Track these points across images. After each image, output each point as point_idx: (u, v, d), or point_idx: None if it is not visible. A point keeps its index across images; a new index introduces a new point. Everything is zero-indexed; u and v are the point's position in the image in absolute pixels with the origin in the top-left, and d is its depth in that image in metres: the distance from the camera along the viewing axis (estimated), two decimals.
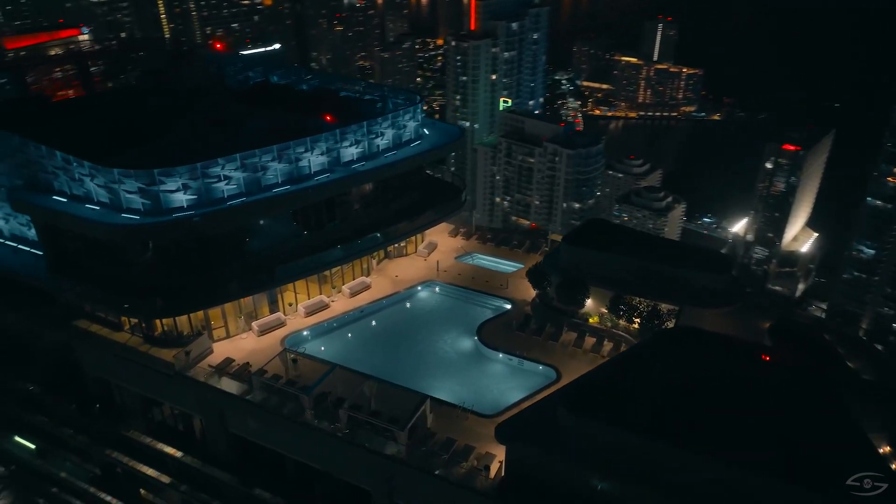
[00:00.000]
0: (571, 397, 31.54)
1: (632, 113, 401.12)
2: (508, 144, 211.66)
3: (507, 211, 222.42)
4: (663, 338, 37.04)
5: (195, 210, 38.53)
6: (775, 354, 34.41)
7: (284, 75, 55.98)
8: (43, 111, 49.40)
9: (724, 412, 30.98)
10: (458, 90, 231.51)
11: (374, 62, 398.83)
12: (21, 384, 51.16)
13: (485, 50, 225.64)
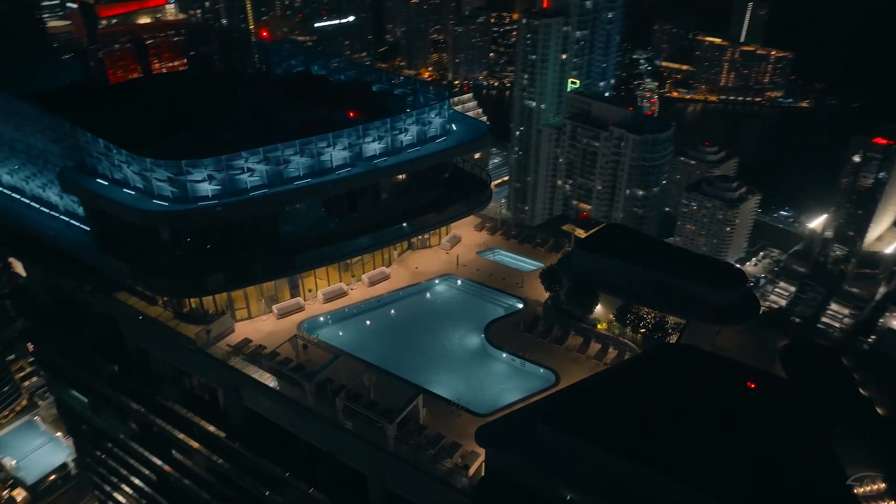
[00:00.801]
0: (550, 409, 32.25)
1: (712, 96, 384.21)
2: (574, 127, 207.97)
3: (569, 194, 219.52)
4: (656, 355, 36.97)
5: (219, 199, 41.05)
6: (761, 382, 33.78)
7: (324, 65, 57.74)
8: (98, 95, 53.15)
9: (702, 435, 31.00)
10: (527, 69, 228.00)
11: (447, 36, 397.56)
12: (76, 345, 56.09)
13: (556, 28, 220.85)
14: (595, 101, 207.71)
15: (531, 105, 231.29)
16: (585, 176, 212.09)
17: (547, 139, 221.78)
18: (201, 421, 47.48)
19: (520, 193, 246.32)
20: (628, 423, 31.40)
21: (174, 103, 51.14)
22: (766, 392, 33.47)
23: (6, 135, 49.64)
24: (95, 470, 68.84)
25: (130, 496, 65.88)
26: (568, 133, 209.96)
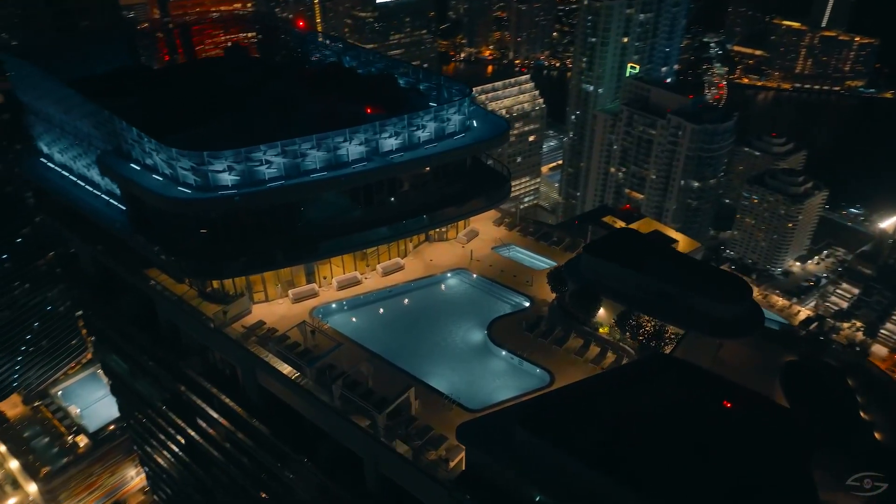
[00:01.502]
0: (526, 412, 33.27)
1: (786, 84, 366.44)
2: (630, 113, 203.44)
3: (621, 182, 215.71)
4: (643, 365, 37.29)
5: (238, 189, 43.35)
6: (744, 402, 33.68)
7: (355, 56, 59.18)
8: (142, 81, 56.21)
9: (674, 451, 31.42)
10: (586, 52, 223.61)
11: (510, 13, 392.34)
12: (115, 314, 60.28)
13: (618, 11, 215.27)
14: (654, 88, 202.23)
15: (588, 89, 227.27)
16: (639, 164, 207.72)
17: (602, 125, 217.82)
18: (221, 394, 50.60)
19: (572, 179, 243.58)
20: (602, 431, 32.12)
21: (209, 91, 53.69)
22: (746, 412, 33.42)
23: (57, 117, 53.41)
24: (135, 430, 74.10)
25: (164, 457, 70.75)
26: (624, 119, 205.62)
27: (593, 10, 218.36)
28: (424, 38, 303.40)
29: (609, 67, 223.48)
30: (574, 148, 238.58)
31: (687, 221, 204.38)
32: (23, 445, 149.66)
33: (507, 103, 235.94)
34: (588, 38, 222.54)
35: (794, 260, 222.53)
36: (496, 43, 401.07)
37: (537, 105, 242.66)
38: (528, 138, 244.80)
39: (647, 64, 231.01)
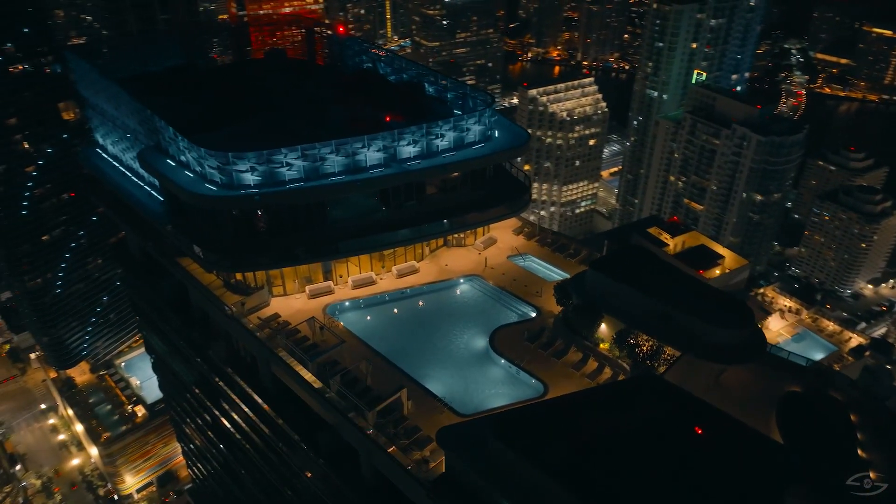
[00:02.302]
0: (502, 423, 34.23)
1: (872, 95, 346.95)
2: (694, 121, 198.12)
3: (680, 192, 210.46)
4: (629, 384, 37.49)
5: (259, 189, 45.95)
6: (715, 429, 33.49)
7: (388, 63, 61.08)
8: (188, 80, 59.87)
9: (645, 471, 31.72)
10: (652, 57, 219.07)
11: (581, 14, 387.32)
12: (155, 297, 64.53)
13: (688, 15, 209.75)
14: (720, 96, 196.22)
15: (652, 95, 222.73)
16: (700, 174, 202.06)
17: (664, 132, 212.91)
18: (240, 380, 53.63)
19: (630, 185, 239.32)
20: (574, 447, 32.73)
21: (246, 92, 56.73)
22: (722, 438, 33.30)
23: (109, 112, 57.69)
24: (172, 407, 78.85)
25: (196, 435, 75.08)
26: (687, 128, 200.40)
27: (662, 14, 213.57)
28: (490, 37, 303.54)
29: (675, 73, 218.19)
30: (634, 154, 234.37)
31: (747, 236, 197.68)
32: (88, 411, 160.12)
33: (568, 105, 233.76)
34: (655, 42, 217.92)
35: (865, 282, 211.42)
36: (565, 43, 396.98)
37: (599, 109, 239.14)
38: (588, 142, 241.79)
39: (716, 71, 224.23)
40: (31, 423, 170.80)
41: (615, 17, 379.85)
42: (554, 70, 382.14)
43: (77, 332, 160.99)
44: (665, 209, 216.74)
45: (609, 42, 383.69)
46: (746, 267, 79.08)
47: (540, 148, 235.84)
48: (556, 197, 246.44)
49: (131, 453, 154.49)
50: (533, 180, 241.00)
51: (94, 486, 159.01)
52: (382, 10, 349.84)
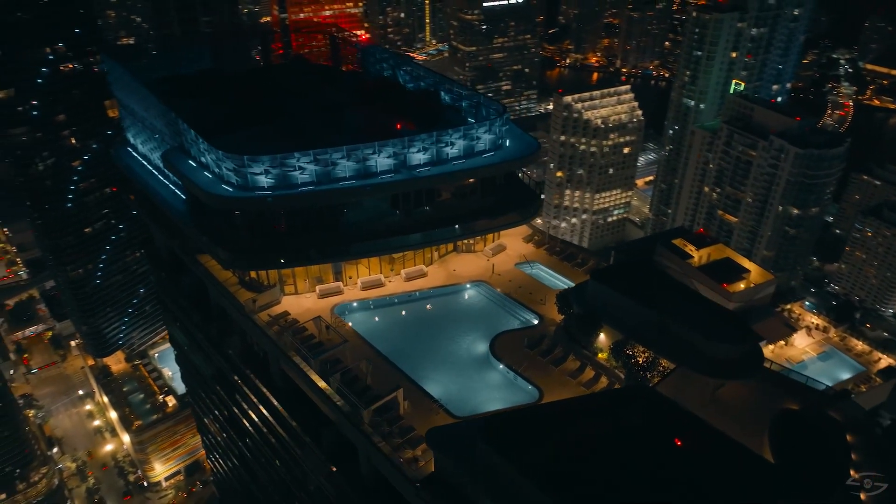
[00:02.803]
0: (489, 426, 35.07)
1: None
2: (730, 132, 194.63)
3: (714, 203, 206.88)
4: (619, 394, 37.89)
5: (272, 191, 47.77)
6: (700, 442, 33.67)
7: (408, 71, 62.47)
8: (216, 84, 62.22)
9: (625, 480, 32.18)
10: (690, 65, 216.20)
11: (622, 20, 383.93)
12: (178, 292, 67.14)
13: (728, 24, 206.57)
14: (758, 107, 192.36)
15: (689, 104, 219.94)
16: (735, 186, 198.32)
17: (700, 141, 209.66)
18: (252, 374, 55.56)
19: (664, 195, 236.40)
20: (558, 453, 33.37)
21: (269, 96, 58.78)
22: (708, 453, 33.51)
23: (140, 113, 60.47)
24: (193, 399, 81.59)
25: (214, 427, 77.60)
26: (723, 138, 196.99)
27: (701, 23, 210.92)
28: (528, 43, 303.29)
29: (713, 83, 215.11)
30: (669, 163, 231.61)
31: (782, 250, 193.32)
32: (122, 399, 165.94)
33: (603, 113, 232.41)
34: (693, 51, 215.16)
35: None
36: (604, 50, 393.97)
37: (635, 117, 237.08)
38: (623, 150, 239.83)
39: (756, 81, 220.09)
40: (69, 408, 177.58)
41: (656, 24, 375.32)
42: (592, 76, 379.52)
43: (114, 322, 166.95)
44: (698, 220, 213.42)
45: (649, 49, 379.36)
46: (773, 282, 78.12)
47: (573, 155, 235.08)
48: (589, 205, 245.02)
49: (161, 442, 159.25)
50: (565, 187, 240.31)
51: (125, 471, 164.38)
52: (422, 14, 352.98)
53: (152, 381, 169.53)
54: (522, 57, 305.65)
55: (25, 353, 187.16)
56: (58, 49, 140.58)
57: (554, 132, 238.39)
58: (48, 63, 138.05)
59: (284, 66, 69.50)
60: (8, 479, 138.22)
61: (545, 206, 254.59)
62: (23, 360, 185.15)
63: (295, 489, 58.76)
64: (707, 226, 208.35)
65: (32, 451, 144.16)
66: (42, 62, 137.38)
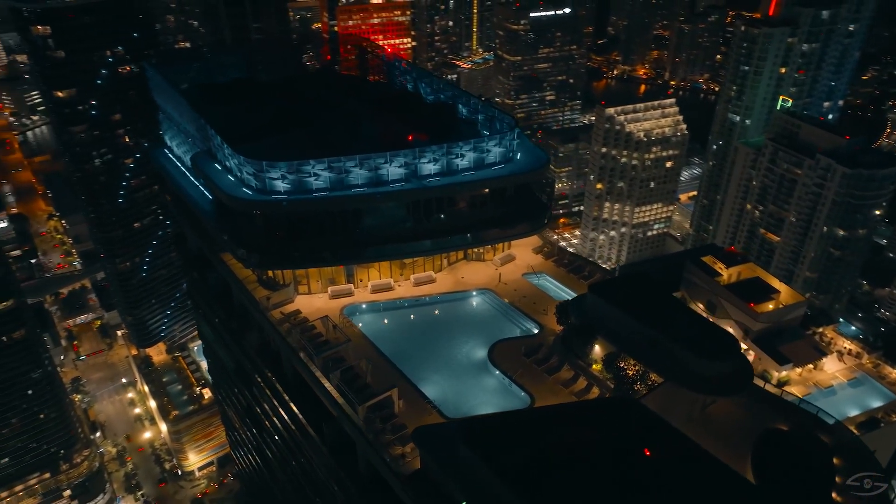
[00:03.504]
0: (471, 428, 36.61)
1: None
2: (775, 149, 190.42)
3: (756, 221, 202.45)
4: (602, 404, 38.85)
5: (288, 196, 50.46)
6: (661, 454, 34.40)
7: (429, 84, 64.62)
8: (249, 91, 65.59)
9: (595, 486, 33.28)
10: (736, 80, 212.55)
11: (672, 32, 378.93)
12: (205, 288, 70.70)
13: (778, 39, 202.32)
14: (805, 124, 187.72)
15: (734, 119, 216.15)
16: (779, 204, 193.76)
17: (743, 158, 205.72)
18: (266, 369, 58.34)
19: (706, 211, 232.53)
20: (534, 457, 34.68)
21: (296, 105, 61.69)
22: (681, 466, 34.27)
23: (175, 117, 64.31)
24: (218, 389, 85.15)
25: (235, 419, 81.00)
26: (767, 155, 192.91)
27: (749, 37, 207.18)
28: (574, 53, 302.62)
29: (760, 98, 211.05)
30: (712, 179, 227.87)
31: (826, 271, 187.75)
32: (161, 388, 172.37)
33: (646, 126, 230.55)
34: (740, 65, 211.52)
35: None
36: (653, 62, 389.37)
37: (679, 131, 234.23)
38: (665, 164, 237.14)
39: (806, 97, 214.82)
40: (113, 394, 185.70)
41: (707, 37, 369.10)
42: (639, 88, 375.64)
43: (157, 315, 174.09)
44: (739, 238, 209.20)
45: (699, 62, 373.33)
46: (803, 304, 76.92)
47: (614, 167, 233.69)
48: (628, 218, 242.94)
49: (196, 432, 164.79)
50: (605, 199, 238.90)
51: (161, 459, 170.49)
52: (469, 22, 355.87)
53: (190, 373, 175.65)
54: (568, 67, 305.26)
55: (75, 340, 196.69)
56: (117, 52, 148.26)
57: (595, 144, 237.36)
58: (108, 65, 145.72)
59: (314, 76, 72.35)
60: (52, 458, 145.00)
61: (584, 217, 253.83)
62: (73, 346, 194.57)
63: (304, 483, 61.18)
64: (748, 244, 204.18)
65: (76, 434, 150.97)
66: (102, 64, 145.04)
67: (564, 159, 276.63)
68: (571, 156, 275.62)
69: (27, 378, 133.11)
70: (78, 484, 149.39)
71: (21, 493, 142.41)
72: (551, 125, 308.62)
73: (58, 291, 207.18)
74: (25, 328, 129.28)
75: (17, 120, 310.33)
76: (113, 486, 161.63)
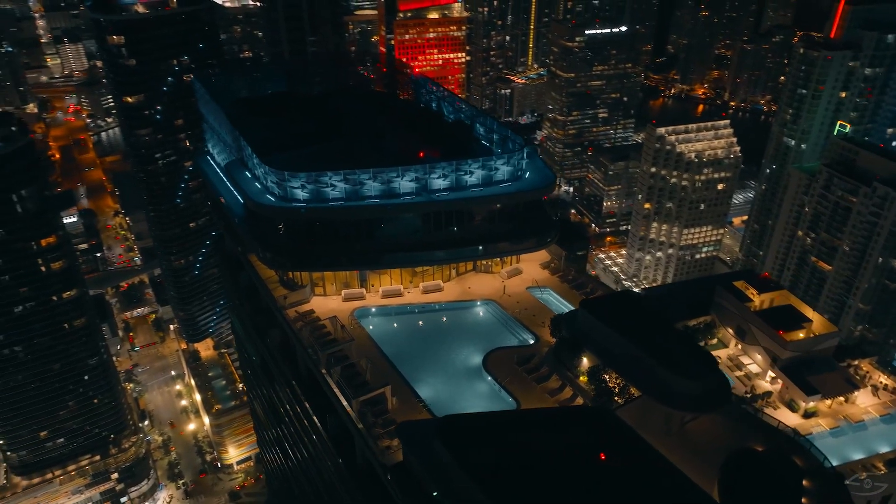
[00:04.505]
0: (445, 426, 39.32)
1: None
2: (830, 175, 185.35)
3: (808, 248, 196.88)
4: (574, 412, 40.86)
5: (307, 204, 54.55)
6: (609, 456, 36.12)
7: (451, 103, 68.02)
8: (285, 105, 70.43)
9: (554, 487, 35.43)
10: (793, 104, 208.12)
11: (734, 52, 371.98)
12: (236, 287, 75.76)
13: (838, 63, 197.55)
14: (863, 151, 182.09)
15: (789, 143, 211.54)
16: (832, 232, 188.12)
17: (796, 183, 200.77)
18: (281, 363, 62.49)
19: (756, 236, 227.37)
20: (500, 456, 37.16)
21: (326, 119, 66.07)
22: (642, 475, 36.03)
23: (216, 127, 69.73)
24: (246, 382, 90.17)
25: (260, 414, 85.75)
26: (821, 181, 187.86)
27: (808, 60, 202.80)
28: (628, 71, 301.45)
29: (817, 123, 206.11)
30: (764, 204, 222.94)
31: (880, 303, 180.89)
32: (206, 383, 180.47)
33: (698, 147, 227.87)
34: (798, 88, 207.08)
35: None
36: (713, 82, 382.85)
37: (732, 153, 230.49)
38: (717, 186, 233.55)
39: (867, 123, 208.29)
40: (162, 386, 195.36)
41: (772, 58, 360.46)
42: (697, 108, 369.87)
43: (207, 311, 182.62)
44: (789, 265, 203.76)
45: (762, 83, 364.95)
46: (835, 334, 75.66)
47: (663, 187, 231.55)
48: (676, 239, 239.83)
49: (236, 427, 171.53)
50: (652, 219, 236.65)
51: (203, 451, 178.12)
52: (526, 38, 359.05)
53: (234, 369, 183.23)
54: (622, 85, 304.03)
55: (131, 331, 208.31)
56: (182, 61, 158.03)
57: (644, 163, 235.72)
58: (173, 73, 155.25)
59: (348, 92, 76.62)
60: (103, 442, 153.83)
61: (630, 237, 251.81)
62: (128, 337, 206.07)
63: (315, 478, 64.82)
64: (798, 272, 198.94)
65: (126, 421, 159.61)
66: (168, 72, 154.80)
67: (614, 177, 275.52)
68: (621, 174, 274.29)
69: (84, 364, 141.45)
70: (125, 468, 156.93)
71: (73, 472, 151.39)
72: (603, 142, 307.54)
73: (118, 284, 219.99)
74: (86, 317, 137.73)
75: (93, 122, 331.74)
76: (157, 472, 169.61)
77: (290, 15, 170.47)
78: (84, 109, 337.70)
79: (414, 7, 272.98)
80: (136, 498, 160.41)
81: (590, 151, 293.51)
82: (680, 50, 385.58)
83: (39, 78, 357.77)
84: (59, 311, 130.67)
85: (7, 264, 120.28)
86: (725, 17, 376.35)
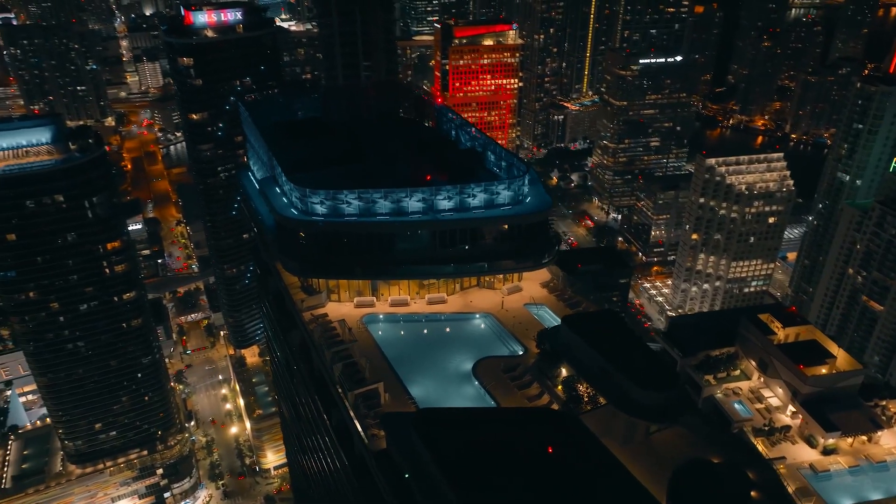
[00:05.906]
0: (420, 417, 43.94)
1: None
2: (883, 212, 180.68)
3: (858, 287, 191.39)
4: (538, 414, 44.78)
5: (324, 218, 60.63)
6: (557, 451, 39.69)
7: (466, 132, 73.39)
8: (315, 129, 77.17)
9: (512, 478, 39.47)
10: (849, 138, 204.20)
11: (797, 84, 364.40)
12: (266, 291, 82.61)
13: None
14: None
15: (843, 179, 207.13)
16: (884, 271, 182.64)
17: (848, 219, 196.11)
18: (299, 363, 68.39)
19: (806, 272, 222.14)
20: (466, 447, 41.47)
21: (352, 142, 72.43)
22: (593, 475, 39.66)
23: (256, 147, 77.19)
24: (275, 382, 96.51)
25: (286, 412, 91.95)
26: (874, 218, 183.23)
27: (865, 94, 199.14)
28: (682, 101, 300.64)
29: (874, 159, 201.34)
30: (815, 239, 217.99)
31: None
32: (250, 388, 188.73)
33: (749, 179, 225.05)
34: (854, 123, 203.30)
35: None
36: (773, 113, 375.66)
37: (785, 186, 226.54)
38: (768, 219, 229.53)
39: None
40: (209, 389, 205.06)
41: (837, 91, 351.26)
42: (756, 140, 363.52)
43: (255, 319, 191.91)
44: (839, 303, 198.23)
45: (826, 116, 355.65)
46: (859, 372, 75.18)
47: (712, 218, 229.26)
48: (723, 272, 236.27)
49: (275, 433, 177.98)
50: (699, 250, 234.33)
51: (242, 454, 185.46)
52: (582, 65, 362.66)
53: None
54: (675, 114, 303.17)
55: (185, 335, 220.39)
56: (244, 82, 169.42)
57: (693, 193, 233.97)
58: (236, 93, 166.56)
59: (375, 118, 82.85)
60: (151, 438, 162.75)
61: (677, 267, 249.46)
62: (181, 341, 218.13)
63: (325, 472, 69.94)
64: (848, 311, 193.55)
65: (174, 420, 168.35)
66: (231, 92, 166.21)
67: (663, 206, 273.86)
68: (671, 203, 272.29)
69: (139, 362, 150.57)
70: (170, 464, 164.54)
71: (122, 464, 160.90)
72: (654, 171, 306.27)
73: (176, 290, 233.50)
74: (143, 318, 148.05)
75: (163, 135, 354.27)
76: (199, 471, 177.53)
77: (346, 41, 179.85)
78: (156, 124, 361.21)
79: (470, 34, 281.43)
80: (178, 494, 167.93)
81: (640, 180, 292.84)
82: (740, 80, 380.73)
83: (119, 93, 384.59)
84: (119, 310, 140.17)
85: (76, 265, 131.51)
86: (790, 48, 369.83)
